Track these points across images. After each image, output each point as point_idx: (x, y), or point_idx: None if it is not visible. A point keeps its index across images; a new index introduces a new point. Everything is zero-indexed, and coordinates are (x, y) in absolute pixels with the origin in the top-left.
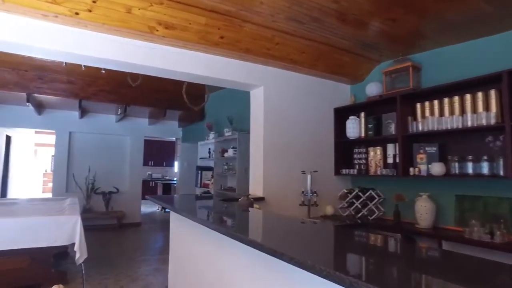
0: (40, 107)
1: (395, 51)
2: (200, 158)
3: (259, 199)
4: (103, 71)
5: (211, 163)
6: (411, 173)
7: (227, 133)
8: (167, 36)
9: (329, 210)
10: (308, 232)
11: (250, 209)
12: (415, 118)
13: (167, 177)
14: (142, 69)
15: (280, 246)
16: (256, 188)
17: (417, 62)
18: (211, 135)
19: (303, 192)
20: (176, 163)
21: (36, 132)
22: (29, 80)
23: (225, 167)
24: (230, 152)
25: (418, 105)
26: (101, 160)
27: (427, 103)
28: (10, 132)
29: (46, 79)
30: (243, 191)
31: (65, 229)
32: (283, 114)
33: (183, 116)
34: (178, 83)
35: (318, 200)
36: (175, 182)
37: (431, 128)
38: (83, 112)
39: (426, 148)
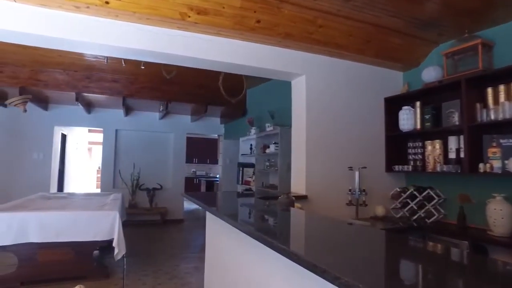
0: (89, 106)
1: (458, 28)
2: (242, 154)
3: (302, 198)
4: (143, 67)
5: (252, 160)
6: (481, 170)
7: (269, 128)
8: (200, 22)
9: (379, 210)
10: (356, 237)
11: (290, 209)
12: (485, 105)
13: (210, 174)
14: (175, 60)
15: (322, 258)
16: (298, 185)
17: (488, 39)
18: (253, 130)
19: (350, 190)
20: (219, 160)
21: (89, 131)
22: (78, 80)
23: (267, 163)
24: (271, 148)
25: (490, 90)
26: (146, 157)
27: (502, 87)
28: (66, 130)
29: (93, 78)
30: (285, 188)
31: (104, 225)
32: (327, 105)
33: (225, 112)
34: (215, 82)
35: (367, 200)
36: (217, 179)
37: (508, 117)
38: (128, 110)
39: (501, 141)
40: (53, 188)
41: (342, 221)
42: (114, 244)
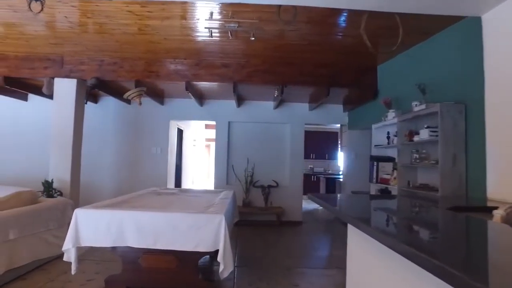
0: (201, 98)
1: None
2: (375, 146)
3: None
4: (253, 38)
5: (390, 152)
6: None
7: (418, 107)
8: None
9: None
10: None
11: None
12: None
13: (329, 171)
14: None
15: None
16: (508, 187)
17: None
18: (390, 114)
19: None
20: (340, 155)
21: (206, 127)
22: (188, 68)
23: (415, 155)
24: (423, 134)
25: None
26: (260, 151)
27: None
28: (182, 125)
29: (202, 65)
30: (451, 190)
31: (207, 232)
32: None
33: (350, 97)
34: (344, 53)
35: None
36: (339, 176)
37: None
38: (240, 100)
39: None
40: (171, 183)
41: None
42: (219, 258)
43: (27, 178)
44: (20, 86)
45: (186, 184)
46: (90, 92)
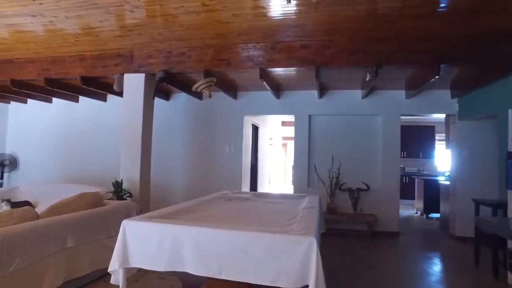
0: (277, 89)
1: None
2: None
3: None
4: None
5: None
6: None
7: None
8: None
9: None
10: None
11: None
12: None
13: (424, 172)
14: None
15: None
16: None
17: None
18: None
19: None
20: (440, 153)
21: (283, 124)
22: (262, 53)
23: None
24: None
25: None
26: (346, 147)
27: None
28: (257, 122)
29: (278, 48)
30: None
31: (292, 260)
32: None
33: (461, 78)
34: (458, 17)
35: None
36: (437, 178)
37: None
38: (322, 90)
39: None
40: (245, 184)
41: None
42: None
43: (104, 178)
44: (96, 85)
45: (263, 185)
46: (159, 87)
